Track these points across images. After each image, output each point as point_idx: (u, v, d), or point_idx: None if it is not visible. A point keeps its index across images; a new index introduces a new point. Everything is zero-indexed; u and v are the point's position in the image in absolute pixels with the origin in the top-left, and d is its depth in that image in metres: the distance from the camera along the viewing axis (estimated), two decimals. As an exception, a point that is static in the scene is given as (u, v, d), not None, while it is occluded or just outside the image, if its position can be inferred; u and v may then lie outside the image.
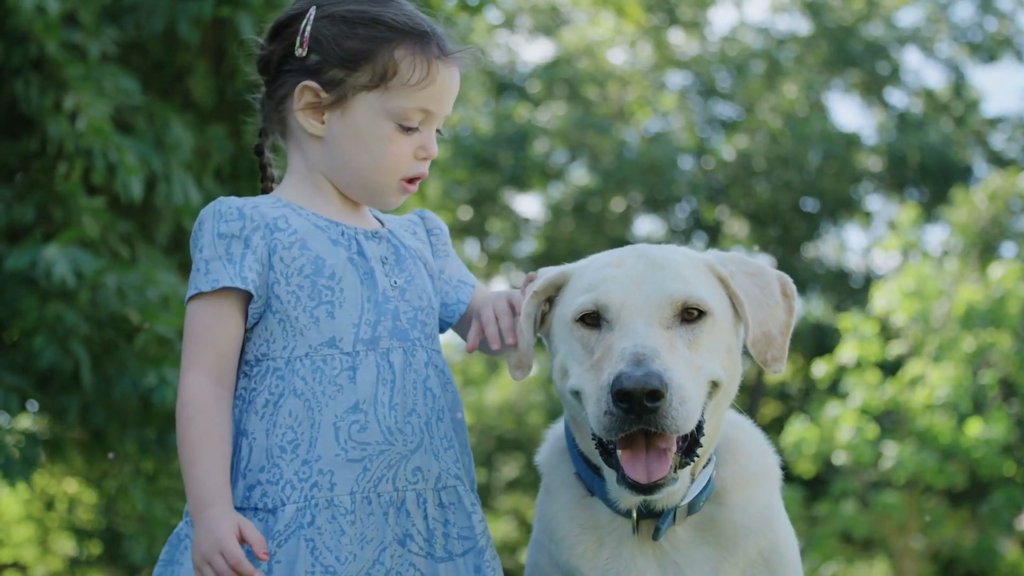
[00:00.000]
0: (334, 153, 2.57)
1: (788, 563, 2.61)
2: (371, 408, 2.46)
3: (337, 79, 2.54)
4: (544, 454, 2.75)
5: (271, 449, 2.43)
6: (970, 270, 14.50)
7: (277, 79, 2.60)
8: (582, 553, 2.57)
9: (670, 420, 2.31)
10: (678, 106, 20.74)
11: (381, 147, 2.55)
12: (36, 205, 5.94)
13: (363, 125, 2.54)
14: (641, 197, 20.00)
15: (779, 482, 2.69)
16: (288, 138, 2.63)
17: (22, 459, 5.85)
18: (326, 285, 2.49)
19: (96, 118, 5.74)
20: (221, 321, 2.45)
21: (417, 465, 2.48)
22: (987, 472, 12.85)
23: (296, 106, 2.56)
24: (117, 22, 6.34)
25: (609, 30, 20.76)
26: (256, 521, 2.40)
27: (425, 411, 2.51)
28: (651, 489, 2.36)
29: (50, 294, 5.68)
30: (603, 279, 2.50)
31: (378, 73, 2.53)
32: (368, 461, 2.44)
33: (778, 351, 2.57)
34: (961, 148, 20.03)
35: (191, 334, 2.45)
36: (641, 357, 2.33)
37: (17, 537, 12.10)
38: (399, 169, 2.57)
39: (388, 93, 2.53)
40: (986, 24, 20.92)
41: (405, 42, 2.55)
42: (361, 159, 2.55)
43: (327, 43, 2.55)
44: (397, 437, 2.47)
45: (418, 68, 2.54)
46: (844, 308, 17.79)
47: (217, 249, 2.46)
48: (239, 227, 2.47)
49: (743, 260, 2.65)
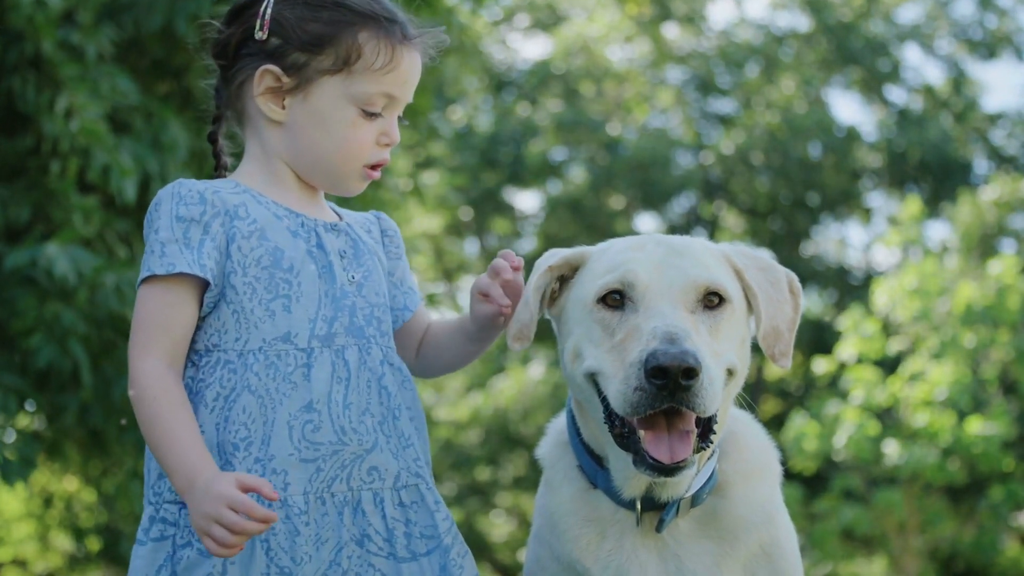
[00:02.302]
0: (295, 138, 2.51)
1: (788, 557, 2.63)
2: (325, 407, 2.40)
3: (299, 63, 2.49)
4: (545, 448, 2.75)
5: (223, 445, 2.36)
6: (971, 267, 14.50)
7: (235, 63, 2.53)
8: (584, 546, 2.57)
9: (700, 399, 2.32)
10: (676, 102, 20.73)
11: (344, 132, 2.50)
12: (33, 204, 5.94)
13: (325, 110, 2.49)
14: (639, 193, 19.99)
15: (780, 477, 2.71)
16: (245, 124, 2.57)
17: (20, 460, 5.84)
18: (283, 278, 2.43)
19: (90, 120, 5.73)
20: (177, 307, 2.38)
21: (373, 464, 2.43)
22: (987, 468, 12.85)
23: (256, 91, 2.50)
24: (115, 20, 6.33)
25: (605, 26, 20.75)
26: None
27: (380, 410, 2.46)
28: (673, 470, 2.36)
29: (49, 293, 5.67)
30: (626, 260, 2.51)
31: (341, 57, 2.49)
32: (322, 461, 2.39)
33: (785, 346, 2.59)
34: (961, 145, 20.03)
35: (145, 318, 2.37)
36: (674, 336, 2.34)
37: (17, 534, 12.11)
38: (362, 155, 2.53)
39: (351, 77, 2.49)
40: (986, 21, 20.91)
41: (369, 26, 2.51)
42: (323, 145, 2.50)
43: (288, 26, 2.49)
44: (352, 437, 2.41)
45: (382, 52, 2.50)
46: (844, 305, 17.79)
47: (175, 232, 2.38)
48: (199, 212, 2.40)
49: (755, 255, 2.67)
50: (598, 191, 19.84)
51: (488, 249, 21.20)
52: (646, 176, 19.38)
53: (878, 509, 13.44)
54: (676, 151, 20.14)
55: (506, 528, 19.74)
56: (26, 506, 11.59)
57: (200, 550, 2.31)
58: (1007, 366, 13.32)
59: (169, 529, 2.35)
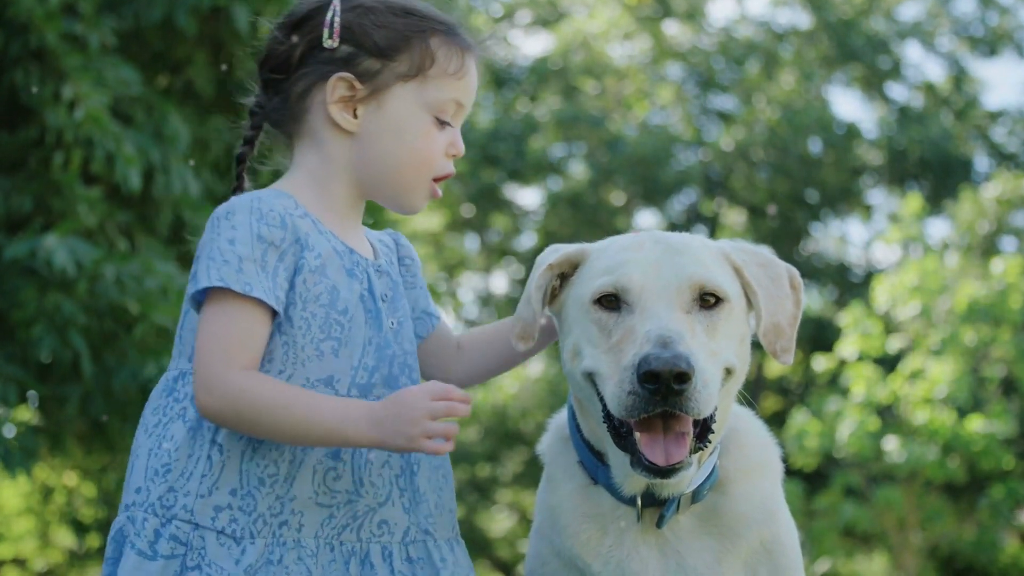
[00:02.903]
0: (366, 149, 2.44)
1: (789, 554, 2.62)
2: (349, 457, 2.37)
3: (373, 70, 2.43)
4: (546, 443, 2.74)
5: (247, 475, 2.30)
6: (971, 265, 14.49)
7: (298, 74, 2.46)
8: (585, 542, 2.57)
9: (693, 403, 2.31)
10: (676, 98, 20.73)
11: (418, 141, 2.44)
12: (34, 195, 5.94)
13: (401, 118, 2.43)
14: (639, 190, 19.99)
15: (781, 474, 2.70)
16: (303, 137, 2.49)
17: (21, 450, 5.84)
18: (337, 320, 2.37)
19: (94, 108, 5.73)
20: (255, 326, 2.29)
21: (384, 518, 2.40)
22: (987, 466, 12.85)
23: (329, 99, 2.42)
24: (116, 12, 6.34)
25: (606, 22, 20.75)
26: (219, 546, 2.27)
27: (399, 463, 2.43)
28: (668, 472, 2.35)
29: (49, 284, 5.68)
30: (622, 262, 2.49)
31: (416, 63, 2.44)
32: (335, 508, 2.36)
33: (786, 342, 2.58)
34: (962, 142, 20.02)
35: (224, 332, 2.28)
36: (667, 340, 2.33)
37: (17, 530, 12.10)
38: (433, 165, 2.48)
39: (426, 84, 2.44)
40: (987, 18, 20.90)
41: (439, 32, 2.47)
42: (397, 154, 2.44)
43: (360, 32, 2.44)
44: (368, 490, 2.39)
45: (455, 58, 2.47)
46: (844, 302, 17.79)
47: (254, 251, 2.29)
48: (279, 236, 2.33)
49: (755, 251, 2.66)
50: (598, 187, 19.84)
51: (488, 245, 21.20)
52: (646, 172, 19.38)
53: (878, 506, 13.45)
54: (676, 147, 20.14)
55: (506, 524, 19.76)
56: (26, 501, 11.59)
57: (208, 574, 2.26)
58: (1008, 365, 13.32)
59: (179, 548, 2.28)
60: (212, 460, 2.30)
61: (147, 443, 2.36)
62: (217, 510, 2.29)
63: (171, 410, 2.36)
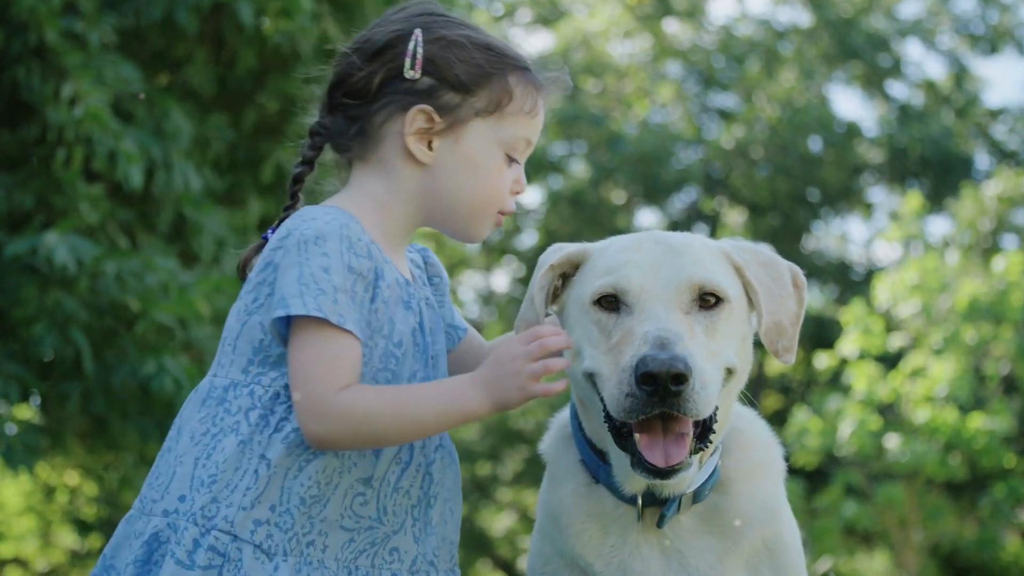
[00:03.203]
0: (437, 182, 2.45)
1: (791, 553, 2.62)
2: (378, 485, 2.39)
3: (453, 104, 2.45)
4: (548, 442, 2.74)
5: (289, 493, 2.32)
6: (972, 263, 14.49)
7: (375, 102, 2.46)
8: (587, 541, 2.57)
9: (692, 404, 2.31)
10: (676, 97, 20.73)
11: (491, 178, 2.47)
12: (35, 193, 5.94)
13: (477, 154, 2.46)
14: (640, 188, 19.99)
15: (783, 474, 2.69)
16: (368, 161, 2.49)
17: (23, 447, 5.84)
18: (392, 352, 2.39)
19: (94, 106, 5.73)
20: (353, 348, 2.31)
21: (395, 546, 2.42)
22: (988, 464, 12.85)
23: (408, 130, 2.43)
24: (117, 10, 6.34)
25: (606, 21, 20.75)
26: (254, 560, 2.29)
27: (418, 494, 2.44)
28: (668, 473, 2.36)
29: (50, 281, 5.67)
30: (622, 263, 2.49)
31: (494, 99, 2.46)
32: (356, 533, 2.38)
33: (788, 341, 2.57)
34: (962, 140, 20.02)
35: (329, 357, 2.27)
36: (665, 341, 2.33)
37: (18, 529, 12.10)
38: (501, 201, 2.50)
39: (503, 120, 2.47)
40: (987, 16, 20.89)
41: (517, 70, 2.49)
42: (469, 189, 2.45)
43: (442, 65, 2.44)
44: (388, 519, 2.41)
45: (530, 96, 2.49)
46: (845, 300, 17.79)
47: (346, 281, 2.30)
48: (367, 267, 2.34)
49: (756, 250, 2.65)
50: (599, 186, 19.84)
51: (489, 244, 21.20)
52: (647, 171, 19.37)
53: (879, 505, 13.44)
54: (677, 146, 20.14)
55: (506, 523, 19.76)
56: (27, 500, 11.58)
57: None
58: (1009, 362, 13.32)
59: (217, 559, 2.28)
60: (259, 474, 2.31)
61: (194, 451, 2.36)
62: (256, 524, 2.30)
63: (222, 421, 2.36)
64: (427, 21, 2.49)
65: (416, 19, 2.49)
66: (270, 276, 2.36)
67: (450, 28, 2.48)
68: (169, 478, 2.37)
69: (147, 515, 2.37)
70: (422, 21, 2.49)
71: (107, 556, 2.41)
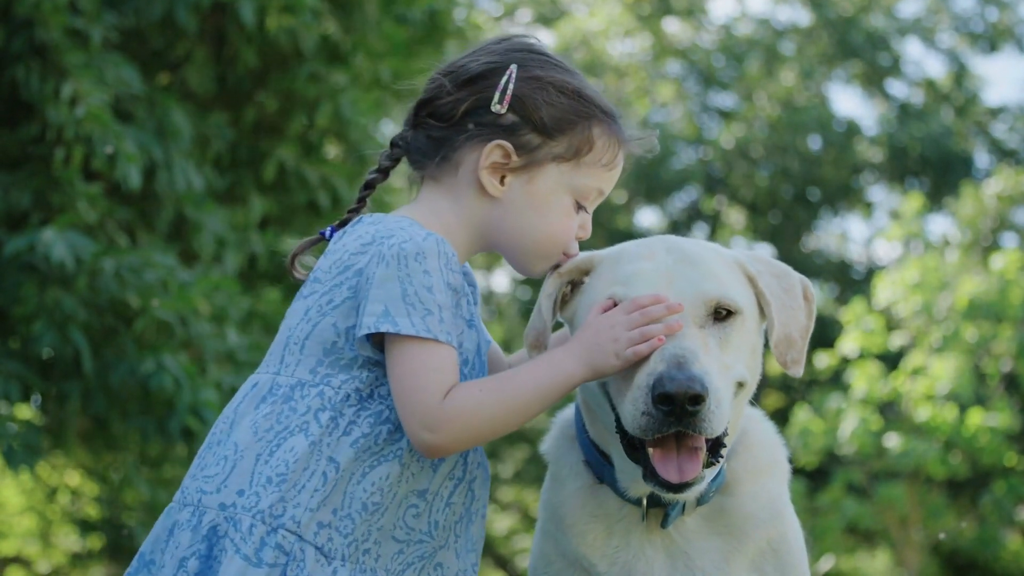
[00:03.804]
0: (505, 217, 2.48)
1: (796, 553, 2.62)
2: (434, 499, 2.41)
3: (532, 144, 2.46)
4: (551, 442, 2.73)
5: (351, 498, 2.34)
6: (972, 261, 14.49)
7: (458, 128, 2.49)
8: (591, 542, 2.57)
9: (707, 423, 2.31)
10: (676, 96, 20.73)
11: (558, 221, 2.48)
12: (34, 192, 5.93)
13: (547, 196, 2.47)
14: (640, 188, 19.99)
15: (788, 475, 2.70)
16: (440, 182, 2.52)
17: (24, 447, 5.82)
18: (460, 369, 2.41)
19: (95, 106, 5.72)
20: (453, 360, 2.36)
21: (440, 561, 2.44)
22: (989, 462, 12.85)
23: (483, 163, 2.46)
24: (116, 9, 6.33)
25: (606, 20, 20.75)
26: (316, 562, 2.30)
27: (461, 510, 2.47)
28: (681, 488, 2.36)
29: (49, 279, 5.66)
30: (634, 273, 2.47)
31: (574, 146, 2.47)
32: (406, 545, 2.39)
33: (797, 354, 2.59)
34: (962, 139, 20.01)
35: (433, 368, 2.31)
36: (682, 360, 2.32)
37: (19, 529, 12.09)
38: (564, 245, 2.52)
39: (579, 169, 2.48)
40: (987, 14, 20.89)
41: (603, 121, 2.51)
42: (535, 228, 2.47)
43: (529, 105, 2.46)
44: (438, 533, 2.42)
45: (610, 149, 2.50)
46: (845, 299, 17.78)
47: (448, 298, 2.35)
48: (460, 284, 2.40)
49: (769, 261, 2.64)
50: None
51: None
52: (647, 170, 19.37)
53: (880, 503, 13.44)
54: (677, 145, 20.14)
55: (507, 522, 19.76)
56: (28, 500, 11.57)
57: None
58: (1010, 361, 13.31)
59: (282, 558, 2.30)
60: (327, 476, 2.32)
61: (255, 447, 2.36)
62: (320, 526, 2.32)
63: (288, 420, 2.36)
64: (524, 58, 2.50)
65: (514, 54, 2.51)
66: (352, 280, 2.38)
67: (545, 69, 2.49)
68: (225, 472, 2.36)
69: (192, 506, 2.36)
70: (519, 57, 2.50)
71: (145, 553, 2.40)
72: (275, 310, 6.84)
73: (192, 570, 2.31)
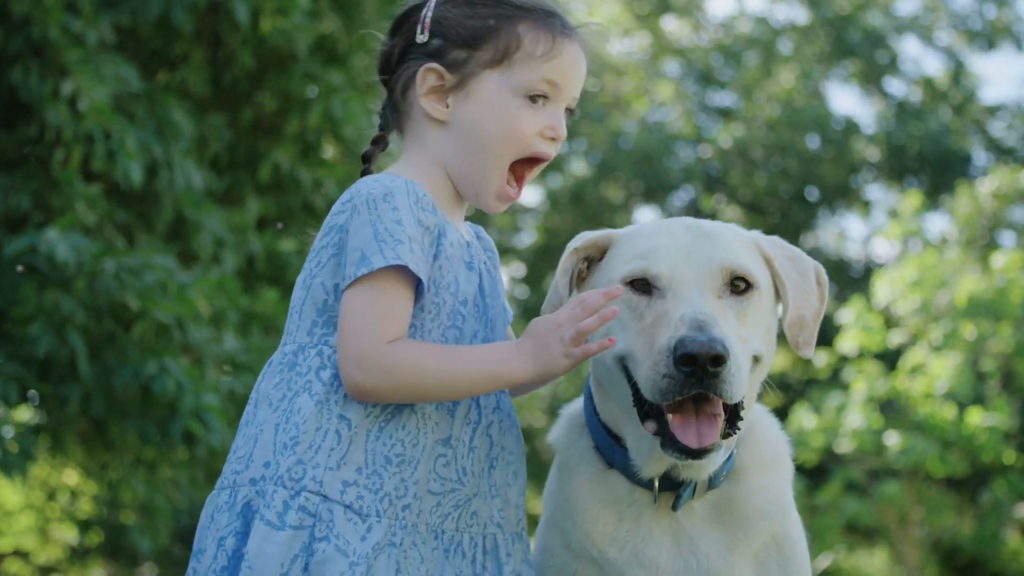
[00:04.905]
0: (457, 137, 2.50)
1: (798, 551, 2.64)
2: (457, 446, 2.42)
3: (460, 59, 2.49)
4: (559, 432, 2.76)
5: (373, 454, 2.34)
6: (970, 259, 14.49)
7: (397, 71, 2.54)
8: (602, 528, 2.59)
9: (727, 386, 2.33)
10: (675, 95, 20.73)
11: (506, 119, 2.47)
12: (33, 193, 5.92)
13: (490, 102, 2.48)
14: (639, 187, 19.99)
15: (792, 473, 2.73)
16: (408, 131, 2.56)
17: (20, 452, 5.82)
18: (458, 310, 2.44)
19: (97, 100, 5.71)
20: (407, 304, 2.36)
21: (475, 509, 2.45)
22: (988, 460, 12.85)
23: (420, 91, 2.50)
24: (113, 8, 6.32)
25: (605, 19, 20.75)
26: (346, 520, 2.30)
27: (484, 456, 2.48)
28: (700, 454, 2.37)
29: (49, 281, 5.65)
30: (653, 248, 2.52)
31: (500, 49, 2.49)
32: (443, 497, 2.41)
33: (809, 336, 2.63)
34: (960, 137, 20.02)
35: (382, 307, 2.33)
36: (703, 323, 2.35)
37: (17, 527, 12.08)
38: (521, 142, 2.49)
39: (512, 68, 2.48)
40: (985, 12, 20.90)
41: (528, 18, 2.51)
42: (485, 129, 2.48)
43: (448, 25, 2.50)
44: (469, 480, 2.44)
45: (541, 41, 2.50)
46: (844, 298, 17.79)
47: (417, 233, 2.36)
48: (434, 222, 2.40)
49: (784, 244, 2.70)
50: (598, 185, 19.84)
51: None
52: (646, 169, 19.37)
53: (879, 501, 13.45)
54: (676, 144, 20.14)
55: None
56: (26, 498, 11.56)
57: (337, 546, 2.29)
58: (1008, 359, 13.32)
59: (308, 519, 2.30)
60: (340, 434, 2.34)
61: (273, 417, 2.38)
62: (345, 484, 2.32)
63: (295, 384, 2.39)
64: None
65: None
66: (335, 237, 2.41)
67: None
68: (251, 448, 2.38)
69: (228, 488, 2.38)
70: None
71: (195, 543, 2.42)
72: (273, 311, 6.83)
73: (229, 548, 2.33)
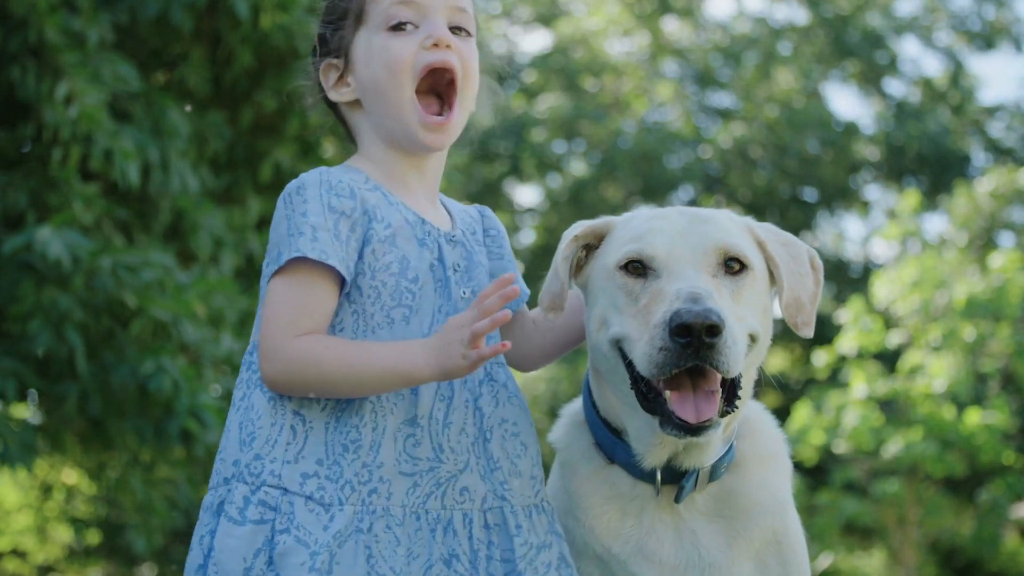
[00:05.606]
0: (367, 103, 2.58)
1: (798, 549, 2.65)
2: (426, 423, 2.43)
3: (335, 41, 2.61)
4: (559, 431, 2.78)
5: (331, 444, 2.37)
6: (969, 260, 14.49)
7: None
8: (606, 524, 2.60)
9: (723, 358, 2.33)
10: (674, 95, 20.73)
11: (383, 55, 2.54)
12: (30, 192, 5.92)
13: (368, 52, 2.56)
14: (639, 187, 20.00)
15: (790, 470, 2.74)
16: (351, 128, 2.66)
17: (22, 446, 5.81)
18: (407, 288, 2.46)
19: (90, 106, 5.71)
20: (322, 295, 2.40)
21: (465, 485, 2.45)
22: (987, 460, 12.85)
23: (327, 88, 2.62)
24: (112, 7, 6.32)
25: (605, 19, 20.76)
26: (308, 512, 2.33)
27: (473, 431, 2.48)
28: (698, 430, 2.37)
29: (46, 278, 5.65)
30: (648, 231, 2.55)
31: (355, 11, 2.59)
32: (419, 476, 2.41)
33: (807, 317, 2.63)
34: (959, 137, 20.03)
35: (290, 301, 2.38)
36: (697, 296, 2.37)
37: (16, 526, 12.09)
38: (407, 64, 2.53)
39: (367, 18, 2.57)
40: (984, 12, 20.91)
41: None
42: (374, 75, 2.54)
43: (322, 32, 2.65)
44: (448, 456, 2.44)
45: None
46: (843, 298, 17.78)
47: (327, 220, 2.40)
48: (350, 207, 2.44)
49: (776, 230, 2.73)
50: (598, 185, 19.84)
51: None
52: (645, 170, 19.37)
53: (878, 501, 13.45)
54: (675, 144, 20.15)
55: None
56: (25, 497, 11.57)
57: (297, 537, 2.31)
58: (1007, 359, 13.32)
59: (269, 513, 2.33)
60: (295, 429, 2.38)
61: (236, 417, 2.44)
62: (305, 476, 2.35)
63: (251, 382, 2.45)
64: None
65: None
66: (272, 237, 2.48)
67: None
68: (224, 448, 2.44)
69: (213, 488, 2.44)
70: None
71: None
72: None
73: (206, 546, 2.37)
